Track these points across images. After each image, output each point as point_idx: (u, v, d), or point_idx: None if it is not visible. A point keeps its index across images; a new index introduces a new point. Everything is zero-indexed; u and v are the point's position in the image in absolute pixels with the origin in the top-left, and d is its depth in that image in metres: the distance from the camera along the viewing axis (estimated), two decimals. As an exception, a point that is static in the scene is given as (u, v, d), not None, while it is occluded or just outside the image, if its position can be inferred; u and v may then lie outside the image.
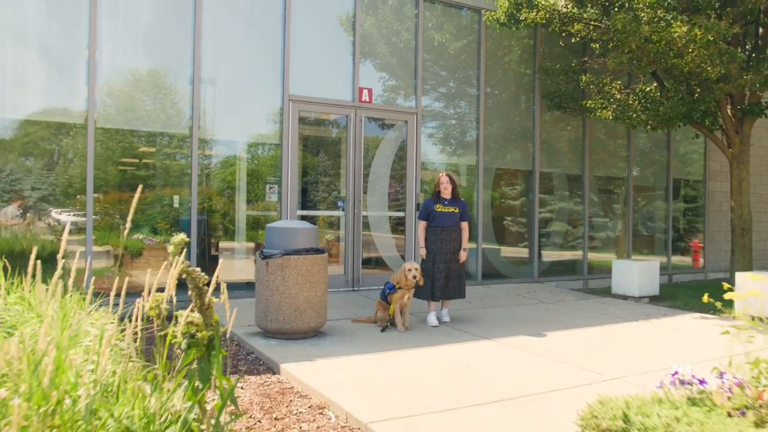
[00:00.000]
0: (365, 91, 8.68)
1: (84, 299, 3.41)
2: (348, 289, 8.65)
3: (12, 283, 4.10)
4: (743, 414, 2.05)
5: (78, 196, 7.08)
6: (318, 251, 5.83)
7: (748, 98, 9.05)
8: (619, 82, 9.11)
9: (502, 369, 4.94)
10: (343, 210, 8.76)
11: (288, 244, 5.71)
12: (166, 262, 2.04)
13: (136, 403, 1.87)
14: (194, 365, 1.92)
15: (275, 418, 3.84)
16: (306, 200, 8.83)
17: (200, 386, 1.90)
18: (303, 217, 8.44)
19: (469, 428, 3.58)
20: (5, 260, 4.11)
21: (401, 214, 9.22)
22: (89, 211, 6.97)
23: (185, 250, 2.24)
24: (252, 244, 8.30)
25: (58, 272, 2.24)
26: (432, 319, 6.58)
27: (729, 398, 2.12)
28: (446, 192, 6.70)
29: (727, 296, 2.43)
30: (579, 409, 2.26)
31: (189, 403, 1.85)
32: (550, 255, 10.77)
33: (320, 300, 5.79)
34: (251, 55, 8.26)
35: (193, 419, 1.81)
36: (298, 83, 8.29)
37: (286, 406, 4.07)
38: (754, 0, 7.19)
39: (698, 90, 8.49)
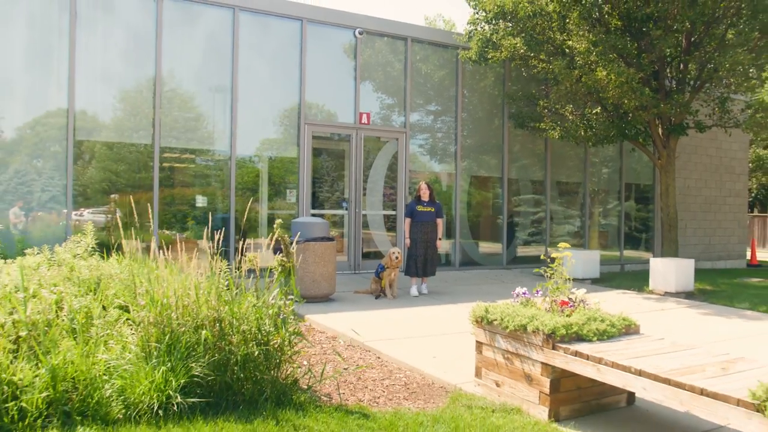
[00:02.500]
0: (364, 115, 10.91)
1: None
2: (351, 272, 10.87)
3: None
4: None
5: (141, 194, 9.29)
6: (329, 239, 8.05)
7: (674, 120, 11.23)
8: (571, 106, 11.31)
9: (460, 319, 7.15)
10: (346, 209, 10.99)
11: (308, 234, 7.92)
12: (271, 234, 4.18)
13: (250, 298, 4.07)
14: (281, 282, 4.14)
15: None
16: (316, 201, 11.04)
17: (285, 289, 4.10)
18: (314, 215, 10.65)
19: (428, 344, 5.80)
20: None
21: (393, 212, 11.44)
22: (155, 211, 9.19)
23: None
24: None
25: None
26: (414, 290, 8.80)
27: (543, 302, 4.30)
28: (425, 195, 8.91)
29: (554, 255, 4.61)
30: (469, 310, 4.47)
31: (280, 299, 4.01)
32: (517, 247, 12.98)
33: (330, 274, 8.01)
34: (275, 89, 10.46)
35: (281, 305, 3.97)
36: (311, 110, 10.53)
37: (311, 336, 6.28)
38: (661, 49, 9.41)
39: (630, 115, 10.69)
